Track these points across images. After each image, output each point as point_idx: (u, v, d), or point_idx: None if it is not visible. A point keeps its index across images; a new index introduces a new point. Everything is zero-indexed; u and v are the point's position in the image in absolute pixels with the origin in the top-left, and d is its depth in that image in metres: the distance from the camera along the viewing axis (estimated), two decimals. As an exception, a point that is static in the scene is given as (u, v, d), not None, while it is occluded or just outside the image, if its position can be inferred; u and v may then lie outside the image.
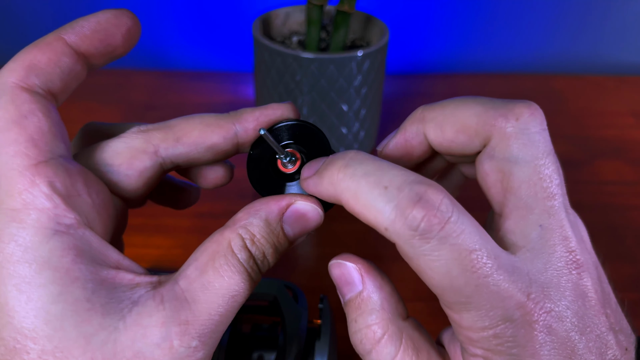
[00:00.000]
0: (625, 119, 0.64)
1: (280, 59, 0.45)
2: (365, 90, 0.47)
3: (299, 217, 0.21)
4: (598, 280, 0.19)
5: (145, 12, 0.69)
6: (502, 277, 0.18)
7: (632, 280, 0.43)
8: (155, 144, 0.22)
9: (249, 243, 0.19)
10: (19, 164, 0.17)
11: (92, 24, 0.20)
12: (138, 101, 0.64)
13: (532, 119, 0.20)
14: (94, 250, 0.18)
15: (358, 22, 0.52)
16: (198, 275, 0.19)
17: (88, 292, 0.17)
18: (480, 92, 0.68)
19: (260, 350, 0.31)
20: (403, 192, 0.18)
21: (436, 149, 0.22)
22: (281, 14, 0.52)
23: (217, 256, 0.19)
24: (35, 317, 0.16)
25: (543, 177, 0.19)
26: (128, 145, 0.21)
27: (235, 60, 0.72)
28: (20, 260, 0.17)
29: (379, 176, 0.18)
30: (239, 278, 0.19)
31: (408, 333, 0.20)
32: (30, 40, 0.19)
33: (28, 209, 0.17)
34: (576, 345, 0.18)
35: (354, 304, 0.20)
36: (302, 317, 0.30)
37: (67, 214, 0.18)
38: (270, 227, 0.20)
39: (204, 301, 0.18)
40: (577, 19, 0.72)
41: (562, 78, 0.71)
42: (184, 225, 0.47)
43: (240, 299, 0.19)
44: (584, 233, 0.20)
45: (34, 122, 0.18)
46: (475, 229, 0.18)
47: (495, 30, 0.72)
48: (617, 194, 0.52)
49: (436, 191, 0.18)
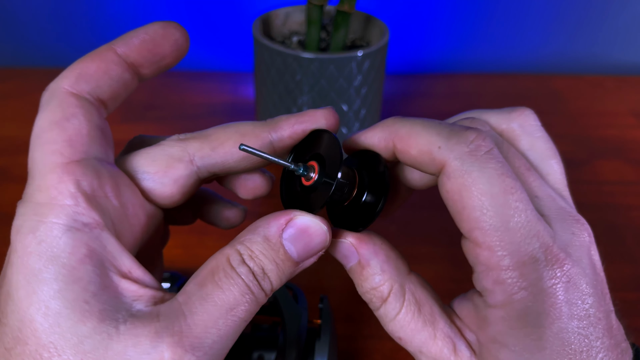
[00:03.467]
0: (625, 119, 0.64)
1: (280, 59, 0.45)
2: (365, 90, 0.47)
3: (299, 233, 0.20)
4: (601, 262, 0.20)
5: (145, 13, 0.69)
6: (532, 214, 0.19)
7: (632, 280, 0.43)
8: (191, 153, 0.22)
9: (246, 258, 0.19)
10: (53, 161, 0.18)
11: (141, 35, 0.21)
12: (138, 101, 0.64)
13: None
14: (107, 253, 0.18)
15: (358, 22, 0.52)
16: (196, 290, 0.18)
17: (88, 294, 0.17)
18: (480, 92, 0.68)
19: (260, 350, 0.31)
20: (454, 125, 0.20)
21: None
22: (281, 14, 0.52)
23: (216, 270, 0.19)
24: (36, 310, 0.17)
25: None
26: (165, 153, 0.22)
27: (235, 60, 0.72)
28: (34, 253, 0.17)
29: (432, 120, 0.21)
30: (237, 291, 0.18)
31: (410, 289, 0.21)
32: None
33: (52, 204, 0.18)
34: (589, 310, 0.19)
35: (355, 271, 0.22)
36: (302, 317, 0.30)
37: (88, 213, 0.18)
38: (270, 243, 0.19)
39: (201, 313, 0.18)
40: (577, 19, 0.72)
41: (562, 78, 0.71)
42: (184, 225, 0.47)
43: (241, 314, 0.18)
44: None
45: (74, 124, 0.19)
46: (510, 168, 0.19)
47: (495, 30, 0.72)
48: (617, 194, 0.52)
49: (482, 129, 0.20)
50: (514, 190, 0.19)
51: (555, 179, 0.22)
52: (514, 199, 0.19)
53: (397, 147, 0.21)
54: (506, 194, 0.18)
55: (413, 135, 0.20)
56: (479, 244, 0.19)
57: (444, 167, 0.19)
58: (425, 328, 0.21)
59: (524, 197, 0.19)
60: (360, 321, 0.39)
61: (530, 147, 0.22)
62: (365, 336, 0.38)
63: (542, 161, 0.22)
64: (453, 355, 0.21)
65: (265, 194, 0.25)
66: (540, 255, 0.18)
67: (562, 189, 0.22)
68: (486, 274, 0.19)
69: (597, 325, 0.19)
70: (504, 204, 0.18)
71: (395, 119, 0.21)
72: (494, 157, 0.19)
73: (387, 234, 0.22)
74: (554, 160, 0.22)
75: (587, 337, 0.18)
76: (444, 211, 0.21)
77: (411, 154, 0.20)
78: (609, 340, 0.19)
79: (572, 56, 0.75)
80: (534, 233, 0.18)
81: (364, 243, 0.22)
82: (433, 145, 0.20)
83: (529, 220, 0.19)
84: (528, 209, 0.19)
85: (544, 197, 0.21)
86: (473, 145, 0.19)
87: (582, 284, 0.19)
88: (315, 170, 0.21)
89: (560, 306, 0.18)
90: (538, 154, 0.22)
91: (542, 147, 0.22)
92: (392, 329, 0.21)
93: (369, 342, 0.38)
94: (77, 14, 0.69)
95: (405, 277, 0.22)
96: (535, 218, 0.19)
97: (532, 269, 0.18)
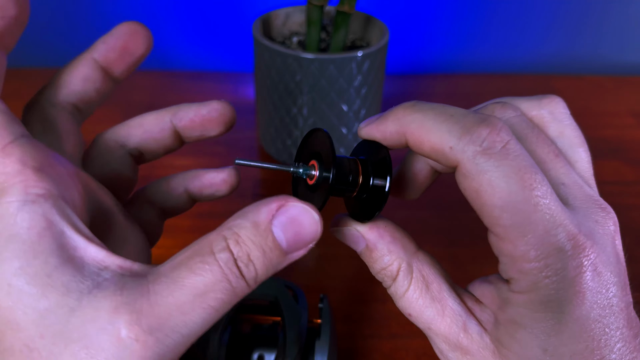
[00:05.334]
0: (625, 119, 0.64)
1: (280, 59, 0.45)
2: (365, 90, 0.47)
3: (290, 220, 0.19)
4: (622, 252, 0.20)
5: (145, 13, 0.69)
6: (555, 205, 0.18)
7: (632, 280, 0.43)
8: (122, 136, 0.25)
9: (232, 243, 0.18)
10: None
11: (109, 38, 0.23)
12: (138, 101, 0.64)
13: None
14: (66, 222, 0.18)
15: (358, 22, 0.52)
16: (169, 271, 0.17)
17: (50, 267, 0.17)
18: (480, 92, 0.68)
19: (260, 350, 0.31)
20: (468, 117, 0.19)
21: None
22: (281, 14, 0.52)
23: (194, 255, 0.18)
24: (0, 289, 0.16)
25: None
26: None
27: (235, 60, 0.73)
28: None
29: (444, 108, 0.20)
30: (211, 277, 0.17)
31: (418, 266, 0.22)
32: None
33: (2, 187, 0.17)
34: (611, 299, 0.19)
35: (365, 255, 0.22)
36: (302, 317, 0.30)
37: (39, 184, 0.17)
38: (258, 228, 0.18)
39: (166, 295, 0.17)
40: (577, 19, 0.72)
41: (562, 78, 0.71)
42: (184, 225, 0.47)
43: (213, 302, 0.17)
44: None
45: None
46: (531, 159, 0.19)
47: (495, 30, 0.72)
48: (617, 194, 0.52)
49: (498, 119, 0.19)
50: (535, 185, 0.18)
51: (583, 167, 0.22)
52: (535, 194, 0.18)
53: (409, 141, 0.21)
54: (525, 189, 0.18)
55: (424, 132, 0.20)
56: (502, 239, 0.19)
57: (458, 166, 0.19)
58: (433, 304, 0.21)
59: (545, 190, 0.18)
60: (360, 321, 0.39)
61: (559, 134, 0.22)
62: (365, 336, 0.38)
63: (570, 148, 0.22)
64: (462, 332, 0.21)
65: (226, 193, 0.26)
66: (566, 244, 0.18)
67: (588, 177, 0.22)
68: (511, 265, 0.19)
69: (619, 315, 0.19)
70: (524, 200, 0.18)
71: (406, 110, 0.21)
72: (510, 151, 0.18)
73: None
74: (581, 149, 0.22)
75: (607, 326, 0.18)
76: (444, 211, 0.21)
77: (424, 150, 0.20)
78: (628, 331, 0.19)
79: (572, 56, 0.75)
80: (558, 224, 0.18)
81: (368, 229, 0.22)
82: (445, 145, 0.19)
83: (552, 213, 0.18)
84: (551, 202, 0.18)
85: (571, 184, 0.20)
86: (486, 142, 0.18)
87: (607, 273, 0.19)
88: (315, 168, 0.21)
89: (584, 293, 0.18)
90: (566, 141, 0.22)
91: (571, 134, 0.22)
92: (402, 305, 0.22)
93: (369, 342, 0.38)
94: (77, 14, 0.69)
95: (412, 255, 0.22)
96: (559, 209, 0.18)
97: (558, 259, 0.18)
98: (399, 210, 0.48)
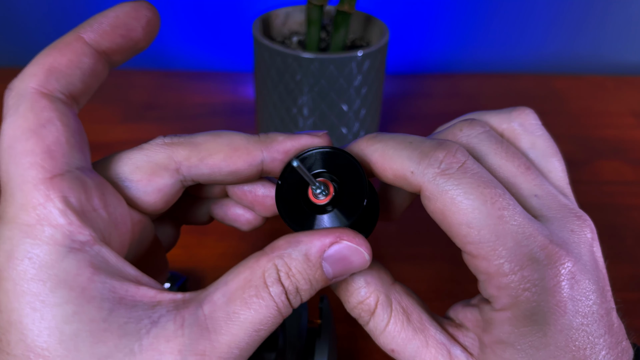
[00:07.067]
0: (625, 119, 0.64)
1: (280, 59, 0.45)
2: (365, 90, 0.47)
3: (342, 259, 0.19)
4: (602, 258, 0.20)
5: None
6: (521, 216, 0.19)
7: (632, 280, 0.43)
8: (177, 161, 0.20)
9: (283, 276, 0.18)
10: (34, 176, 0.17)
11: (111, 19, 0.19)
12: (138, 101, 0.64)
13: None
14: (111, 267, 0.17)
15: (358, 22, 0.52)
16: (225, 303, 0.18)
17: (105, 312, 0.16)
18: (480, 92, 0.68)
19: (260, 350, 0.31)
20: (425, 143, 0.20)
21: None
22: (281, 14, 0.52)
23: (248, 286, 0.18)
24: (49, 336, 0.16)
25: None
26: (149, 159, 0.20)
27: (235, 60, 0.72)
28: (35, 278, 0.16)
29: (403, 137, 0.21)
30: (266, 312, 0.18)
31: (397, 298, 0.21)
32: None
33: (42, 225, 0.16)
34: (592, 307, 0.18)
35: (339, 289, 0.22)
36: (302, 317, 0.30)
37: (82, 230, 0.17)
38: (309, 263, 0.19)
39: (226, 333, 0.17)
40: (577, 18, 0.72)
41: (562, 78, 0.71)
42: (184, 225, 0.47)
43: (264, 334, 0.18)
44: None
45: (52, 131, 0.17)
46: (489, 175, 0.19)
47: (495, 30, 0.72)
48: (617, 194, 0.52)
49: (453, 143, 0.20)
50: (496, 198, 0.19)
51: (557, 176, 0.22)
52: (497, 207, 0.18)
53: (373, 170, 0.21)
54: (487, 203, 0.18)
55: (386, 160, 0.20)
56: (475, 256, 0.19)
57: (421, 189, 0.20)
58: (416, 336, 0.21)
59: (507, 202, 0.19)
60: (360, 321, 0.39)
61: (531, 145, 0.22)
62: (366, 336, 0.38)
63: (544, 159, 0.22)
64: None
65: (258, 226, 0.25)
66: (539, 254, 0.18)
67: (563, 186, 0.22)
68: (489, 282, 0.19)
69: (600, 322, 0.19)
70: (488, 215, 0.18)
71: (369, 141, 0.21)
72: (467, 170, 0.19)
73: (387, 234, 0.22)
74: (555, 158, 0.22)
75: (590, 334, 0.18)
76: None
77: (388, 177, 0.21)
78: (610, 337, 0.19)
79: (572, 56, 0.75)
80: (528, 234, 0.18)
81: None
82: (406, 171, 0.20)
83: (519, 224, 0.18)
84: (516, 214, 0.19)
85: (545, 195, 0.20)
86: (444, 164, 0.19)
87: (585, 280, 0.19)
88: (329, 188, 0.20)
89: (564, 303, 0.18)
90: (539, 152, 0.22)
91: (543, 145, 0.22)
92: (383, 341, 0.21)
93: (369, 342, 0.38)
94: (77, 14, 0.69)
95: (389, 287, 0.21)
96: (526, 219, 0.19)
97: (534, 270, 0.18)
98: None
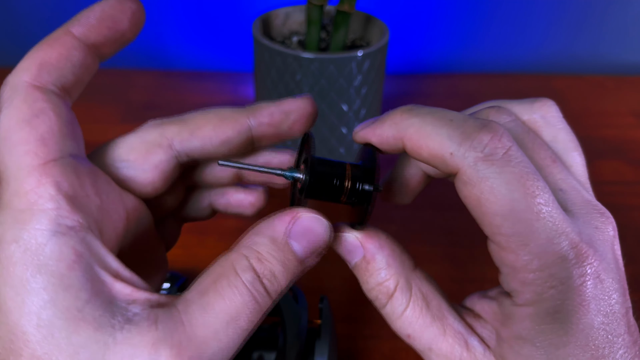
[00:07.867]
0: (625, 119, 0.64)
1: (280, 59, 0.45)
2: (365, 90, 0.47)
3: (304, 230, 0.19)
4: (621, 256, 0.20)
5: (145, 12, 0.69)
6: (557, 213, 0.18)
7: (632, 281, 0.43)
8: (169, 137, 0.21)
9: (254, 262, 0.18)
10: (28, 163, 0.17)
11: (98, 13, 0.20)
12: (138, 101, 0.64)
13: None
14: (94, 255, 0.17)
15: (358, 22, 0.52)
16: (197, 298, 0.18)
17: (80, 302, 0.16)
18: (480, 92, 0.68)
19: (260, 350, 0.31)
20: (468, 122, 0.19)
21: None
22: (281, 14, 0.52)
23: (219, 278, 0.18)
24: (28, 321, 0.16)
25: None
26: (142, 139, 0.21)
27: (235, 60, 0.72)
28: (19, 262, 0.16)
29: (443, 113, 0.20)
30: (240, 300, 0.18)
31: (417, 284, 0.21)
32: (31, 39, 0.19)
33: (32, 210, 0.17)
34: (614, 306, 0.18)
35: (360, 267, 0.21)
36: (302, 317, 0.30)
37: (71, 215, 0.17)
38: (277, 244, 0.19)
39: (201, 324, 0.17)
40: (577, 18, 0.72)
41: (562, 78, 0.71)
42: (184, 225, 0.47)
43: (243, 324, 0.18)
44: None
45: (44, 121, 0.18)
46: (532, 166, 0.18)
47: (495, 30, 0.72)
48: (617, 194, 0.52)
49: (498, 125, 0.19)
50: (537, 192, 0.18)
51: (578, 171, 0.22)
52: (537, 202, 0.18)
53: (407, 147, 0.20)
54: (528, 197, 0.18)
55: (423, 137, 0.19)
56: (503, 248, 0.18)
57: (458, 173, 0.19)
58: (434, 323, 0.20)
59: (547, 197, 0.18)
60: (360, 321, 0.39)
61: (552, 138, 0.22)
62: (365, 336, 0.38)
63: (565, 153, 0.22)
64: (465, 351, 0.20)
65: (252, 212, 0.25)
66: (569, 253, 0.18)
67: (584, 181, 0.22)
68: (513, 276, 0.19)
69: (620, 321, 0.18)
70: (526, 209, 0.18)
71: (404, 114, 0.20)
72: (512, 158, 0.18)
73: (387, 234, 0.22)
74: (576, 152, 0.22)
75: (610, 333, 0.18)
76: (444, 211, 0.21)
77: (422, 156, 0.20)
78: (629, 337, 0.19)
79: (573, 56, 0.75)
80: (561, 232, 0.18)
81: (369, 237, 0.21)
82: (445, 151, 0.19)
83: (554, 221, 0.18)
84: (553, 210, 0.18)
85: (569, 190, 0.20)
86: (488, 149, 0.18)
87: (609, 280, 0.18)
88: (302, 171, 0.21)
89: (588, 302, 0.18)
90: (560, 145, 0.22)
91: (565, 138, 0.22)
92: (399, 325, 0.21)
93: (369, 342, 0.38)
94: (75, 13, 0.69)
95: (411, 272, 0.21)
96: (561, 216, 0.18)
97: (562, 268, 0.18)
98: (399, 210, 0.48)
